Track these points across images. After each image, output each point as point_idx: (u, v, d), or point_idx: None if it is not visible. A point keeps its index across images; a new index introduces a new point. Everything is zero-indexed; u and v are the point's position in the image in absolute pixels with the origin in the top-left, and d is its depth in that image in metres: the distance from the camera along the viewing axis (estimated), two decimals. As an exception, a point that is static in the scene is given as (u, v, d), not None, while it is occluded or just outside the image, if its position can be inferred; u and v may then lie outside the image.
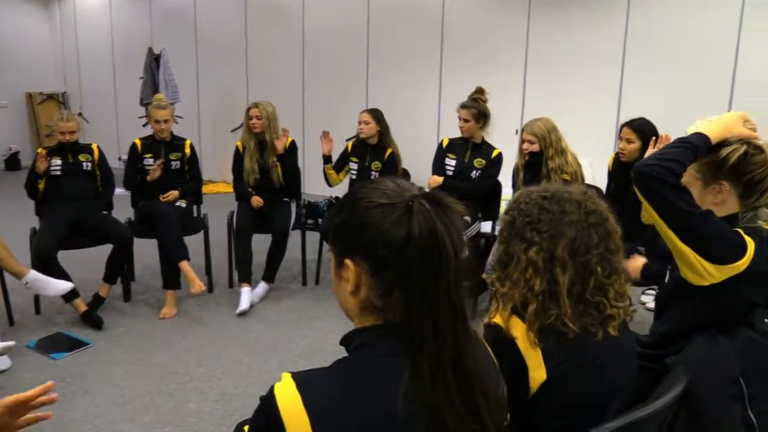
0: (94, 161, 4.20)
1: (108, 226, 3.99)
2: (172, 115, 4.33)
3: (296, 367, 3.13)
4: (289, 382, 0.97)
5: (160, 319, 3.92)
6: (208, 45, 8.30)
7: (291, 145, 4.45)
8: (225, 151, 7.87)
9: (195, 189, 4.48)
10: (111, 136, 9.13)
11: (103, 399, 3.02)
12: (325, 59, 7.26)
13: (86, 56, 9.86)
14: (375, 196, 1.01)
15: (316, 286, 4.50)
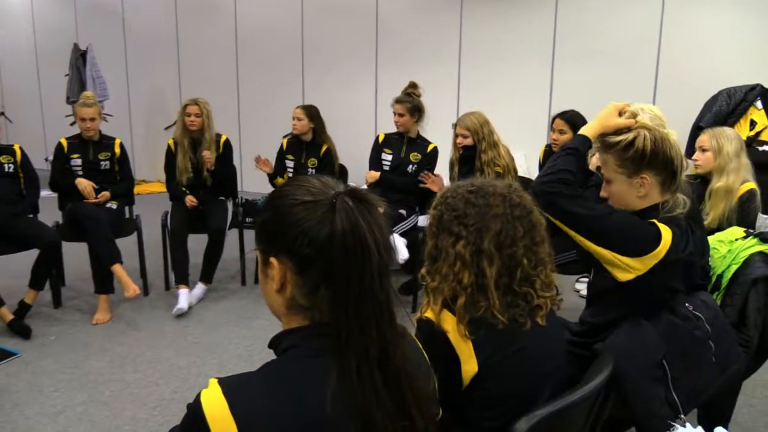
0: (16, 163, 4.02)
1: (33, 231, 3.82)
2: (100, 114, 4.19)
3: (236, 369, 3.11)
4: (216, 388, 0.96)
5: (93, 325, 3.79)
6: (137, 41, 8.07)
7: (225, 144, 4.38)
8: (158, 149, 7.65)
9: (126, 190, 4.34)
10: (37, 137, 8.77)
11: (33, 411, 2.90)
12: (259, 55, 7.18)
13: (7, 53, 9.41)
14: (299, 193, 1.01)
15: (255, 285, 4.45)
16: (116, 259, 3.80)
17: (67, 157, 4.16)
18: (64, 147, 4.18)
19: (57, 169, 4.17)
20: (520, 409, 1.40)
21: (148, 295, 4.25)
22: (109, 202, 4.14)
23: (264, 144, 6.94)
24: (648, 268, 1.73)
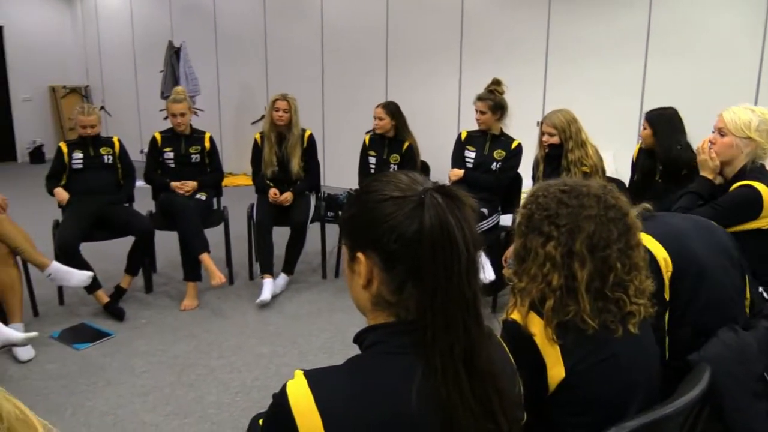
0: (115, 154, 4.24)
1: (129, 219, 4.02)
2: (190, 108, 4.34)
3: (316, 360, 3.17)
4: (302, 380, 0.97)
5: (181, 311, 3.96)
6: (227, 38, 8.33)
7: (310, 138, 4.45)
8: (245, 143, 7.90)
9: (215, 182, 4.50)
10: (133, 129, 9.22)
11: (125, 390, 3.06)
12: (344, 52, 7.26)
13: (108, 50, 9.95)
14: (387, 189, 1.00)
15: (335, 278, 4.51)
16: (204, 249, 3.94)
17: (160, 150, 4.35)
18: (158, 140, 4.37)
19: (151, 162, 4.36)
20: (608, 419, 1.35)
21: (233, 284, 4.39)
22: (198, 194, 4.30)
23: (346, 139, 7.05)
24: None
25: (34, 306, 3.89)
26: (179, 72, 7.84)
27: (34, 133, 9.92)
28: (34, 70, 9.76)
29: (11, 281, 3.47)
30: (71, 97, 10.12)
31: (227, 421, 2.78)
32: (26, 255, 3.52)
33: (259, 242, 4.21)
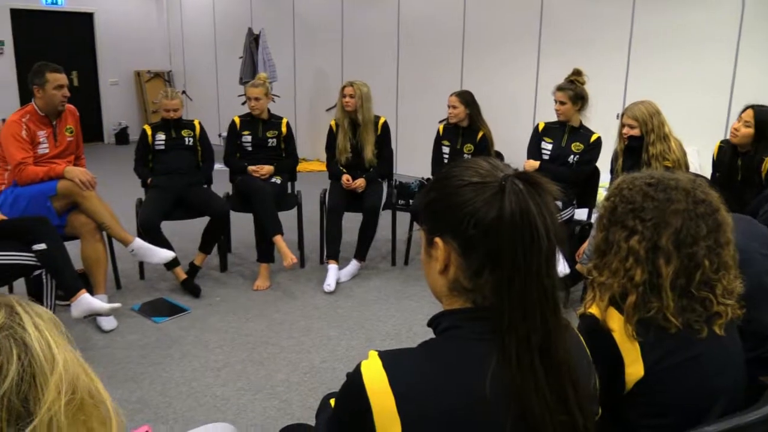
0: (195, 137, 4.38)
1: (207, 200, 4.16)
2: (267, 94, 4.43)
3: (383, 345, 3.18)
4: (376, 361, 0.98)
5: (254, 291, 4.07)
6: (304, 25, 8.45)
7: (384, 126, 4.47)
8: (319, 130, 8.04)
9: (290, 166, 4.59)
10: (212, 114, 9.50)
11: (200, 363, 3.17)
12: (419, 41, 7.23)
13: (190, 37, 10.27)
14: (467, 174, 0.99)
15: (405, 266, 4.53)
16: (278, 231, 4.03)
17: (238, 134, 4.47)
18: (237, 124, 4.49)
19: (230, 145, 4.49)
20: (685, 421, 1.30)
21: (303, 267, 4.47)
22: (273, 178, 4.39)
23: (420, 128, 7.03)
24: None
25: (117, 279, 4.09)
26: (258, 58, 8.01)
27: (119, 115, 10.38)
28: (121, 56, 10.18)
29: (97, 255, 3.66)
30: (155, 82, 10.51)
31: (295, 400, 2.85)
32: (112, 231, 3.69)
33: (329, 227, 4.27)
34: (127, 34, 10.19)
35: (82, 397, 0.76)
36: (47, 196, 3.58)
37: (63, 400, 0.72)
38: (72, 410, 0.74)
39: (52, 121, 3.77)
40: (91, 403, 0.77)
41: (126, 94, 10.48)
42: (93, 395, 0.78)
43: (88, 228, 3.62)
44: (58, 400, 0.72)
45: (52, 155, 3.77)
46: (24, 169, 3.58)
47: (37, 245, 3.15)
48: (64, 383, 0.73)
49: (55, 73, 3.66)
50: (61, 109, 3.77)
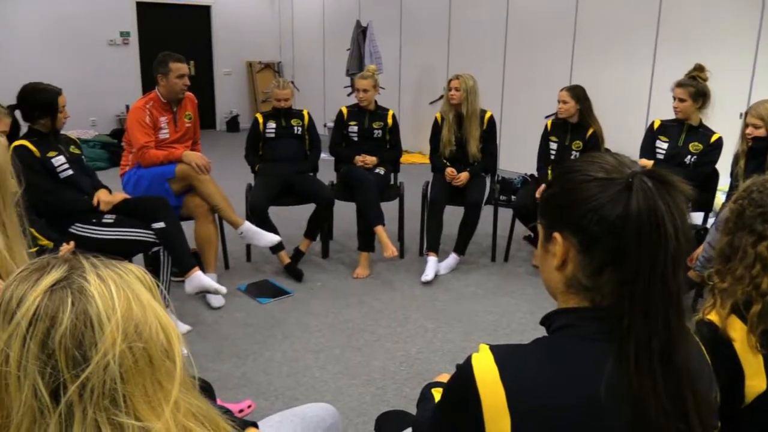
0: (304, 126, 4.50)
1: (313, 187, 4.28)
2: (374, 86, 4.48)
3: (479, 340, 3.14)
4: (487, 354, 0.97)
5: (354, 278, 4.15)
6: (411, 18, 8.48)
7: (489, 120, 4.42)
8: (422, 123, 8.05)
9: (394, 157, 4.63)
10: (318, 105, 9.73)
11: (300, 345, 3.27)
12: (528, 34, 7.08)
13: (300, 29, 10.56)
14: (592, 169, 0.97)
15: (504, 263, 4.47)
16: (379, 221, 4.08)
17: (345, 124, 4.55)
18: (344, 114, 4.58)
19: (337, 134, 4.59)
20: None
21: (403, 258, 4.51)
22: (377, 168, 4.45)
23: (525, 123, 6.91)
24: None
25: (226, 260, 4.29)
26: (365, 50, 8.13)
27: (231, 104, 10.85)
28: (235, 47, 10.63)
29: (209, 236, 3.85)
30: (265, 72, 10.89)
31: (390, 387, 2.88)
32: (223, 213, 3.87)
33: (430, 220, 4.27)
34: (240, 26, 10.62)
35: (150, 350, 0.79)
36: (166, 178, 3.82)
37: (120, 346, 0.76)
38: (133, 359, 0.77)
39: (172, 107, 3.99)
40: (160, 357, 0.80)
41: (238, 84, 10.93)
42: (167, 352, 0.82)
43: (202, 210, 3.82)
44: (114, 347, 0.75)
45: (171, 140, 3.99)
46: (146, 152, 3.82)
47: (157, 224, 3.36)
48: (122, 330, 0.76)
49: (177, 62, 3.87)
50: (181, 97, 3.99)
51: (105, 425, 0.75)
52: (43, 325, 0.73)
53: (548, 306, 1.05)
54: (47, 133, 3.26)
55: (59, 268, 0.78)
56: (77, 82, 7.91)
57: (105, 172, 4.07)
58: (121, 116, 9.23)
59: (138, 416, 0.76)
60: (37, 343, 0.73)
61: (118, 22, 9.36)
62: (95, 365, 0.74)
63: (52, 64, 8.17)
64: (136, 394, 0.77)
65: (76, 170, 3.34)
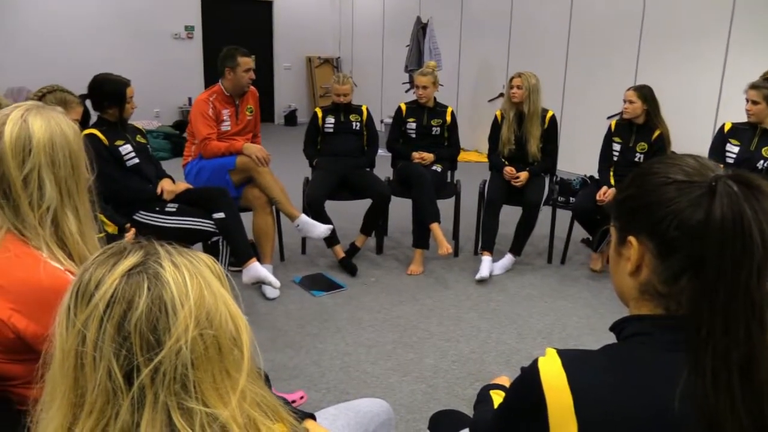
0: (362, 122, 4.52)
1: (370, 183, 4.29)
2: (434, 83, 4.46)
3: (534, 344, 3.10)
4: (555, 358, 0.95)
5: (407, 275, 4.14)
6: (472, 15, 8.40)
7: (551, 119, 4.34)
8: (479, 121, 7.99)
9: (452, 155, 4.60)
10: (375, 101, 9.75)
11: (352, 339, 3.29)
12: (592, 32, 6.91)
13: (359, 24, 10.60)
14: (672, 171, 0.93)
15: (561, 265, 4.38)
16: (435, 219, 4.06)
17: (404, 120, 4.54)
18: (402, 110, 4.57)
19: (395, 130, 4.59)
20: None
21: (457, 257, 4.47)
22: (434, 165, 4.43)
23: (586, 123, 6.76)
24: None
25: (282, 252, 4.35)
26: (424, 47, 8.10)
27: (290, 98, 10.99)
28: (295, 42, 10.76)
29: (266, 227, 3.91)
30: (324, 68, 10.99)
31: (442, 386, 2.86)
32: (281, 206, 3.92)
33: (486, 219, 4.23)
34: (301, 22, 10.74)
35: (220, 338, 0.80)
36: (227, 169, 3.89)
37: (192, 333, 0.77)
38: (204, 346, 0.78)
39: (235, 101, 4.07)
40: (229, 346, 0.81)
41: (297, 79, 11.06)
42: (235, 341, 0.83)
43: (260, 201, 3.88)
44: (186, 333, 0.76)
45: (233, 132, 4.07)
46: (208, 143, 3.90)
47: (217, 214, 3.43)
48: (194, 317, 0.77)
49: (245, 57, 3.94)
50: (246, 90, 4.06)
51: (175, 410, 0.76)
52: (120, 308, 0.75)
53: (605, 312, 1.02)
54: (115, 122, 3.37)
55: (136, 254, 0.80)
56: (143, 74, 8.13)
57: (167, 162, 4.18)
58: (184, 108, 9.48)
59: (206, 403, 0.77)
60: (114, 325, 0.75)
61: (183, 17, 9.59)
62: (168, 350, 0.75)
63: (120, 56, 8.43)
64: (205, 381, 0.78)
65: (142, 159, 3.43)
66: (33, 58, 8.06)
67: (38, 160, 1.36)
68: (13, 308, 1.34)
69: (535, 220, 4.17)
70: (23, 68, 7.78)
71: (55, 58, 8.13)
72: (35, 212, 1.38)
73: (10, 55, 7.99)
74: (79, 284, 0.79)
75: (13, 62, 7.88)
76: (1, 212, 1.37)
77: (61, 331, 0.79)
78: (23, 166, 1.35)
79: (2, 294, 1.34)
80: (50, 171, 1.38)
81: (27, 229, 1.38)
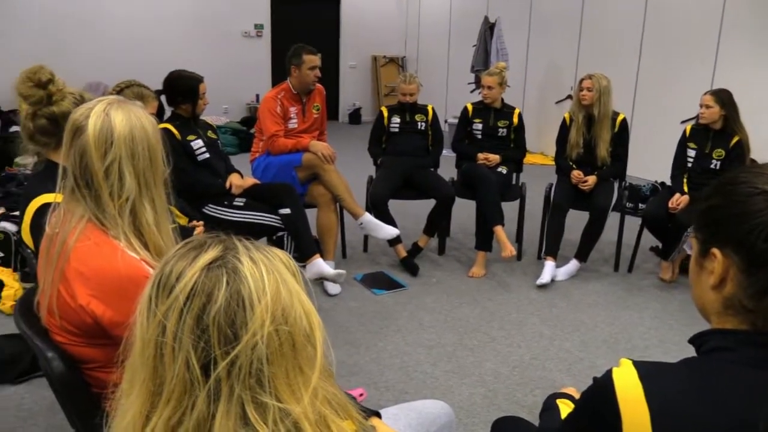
0: (427, 121, 4.50)
1: (434, 183, 4.26)
2: (501, 84, 4.40)
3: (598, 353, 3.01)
4: (630, 369, 0.92)
5: (469, 277, 4.10)
6: (541, 15, 8.26)
7: (622, 123, 4.21)
8: (545, 123, 7.85)
9: (518, 157, 4.54)
10: (440, 101, 9.71)
11: (412, 339, 3.28)
12: (668, 32, 6.67)
13: (426, 24, 10.58)
14: (760, 181, 0.89)
15: (628, 273, 4.25)
16: (499, 221, 4.01)
17: (470, 121, 4.51)
18: (469, 111, 4.53)
19: (460, 131, 4.55)
20: None
21: (520, 260, 4.41)
22: (499, 167, 4.37)
23: (657, 127, 6.55)
24: None
25: (344, 249, 4.39)
26: (491, 47, 8.01)
27: (354, 96, 11.08)
28: (361, 41, 10.84)
29: (330, 224, 3.95)
30: (389, 67, 11.03)
31: (501, 391, 2.82)
32: (345, 203, 3.95)
33: (551, 223, 4.14)
34: (368, 21, 10.80)
35: (294, 335, 0.80)
36: (293, 166, 3.95)
37: (268, 328, 0.77)
38: (279, 341, 0.78)
39: (302, 98, 4.12)
40: (302, 342, 0.82)
41: (362, 77, 11.14)
42: (309, 338, 0.83)
43: (325, 198, 3.92)
44: (263, 328, 0.77)
45: (300, 130, 4.12)
46: (276, 140, 3.97)
47: (283, 209, 3.49)
48: (270, 313, 0.78)
49: (311, 54, 3.98)
50: (312, 88, 4.11)
51: (249, 403, 0.77)
52: (200, 301, 0.77)
53: (674, 324, 0.99)
54: (188, 117, 3.46)
55: (215, 248, 0.82)
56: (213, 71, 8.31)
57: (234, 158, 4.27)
58: (252, 105, 9.68)
59: (279, 398, 0.78)
60: (193, 317, 0.76)
61: (253, 15, 9.80)
62: (244, 344, 0.76)
63: (192, 53, 8.68)
64: (279, 376, 0.78)
65: (213, 154, 3.52)
66: (111, 55, 8.40)
67: (119, 152, 1.41)
68: (91, 294, 1.39)
69: (602, 226, 4.06)
70: (101, 64, 8.11)
71: (132, 55, 8.45)
72: (115, 203, 1.43)
73: (91, 52, 8.34)
74: (160, 276, 0.81)
75: (92, 59, 8.23)
76: (83, 202, 1.43)
77: (142, 320, 0.81)
78: (105, 157, 1.40)
79: (82, 280, 1.39)
80: (130, 163, 1.42)
81: (107, 219, 1.43)
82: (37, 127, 1.94)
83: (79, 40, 8.31)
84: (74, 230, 1.42)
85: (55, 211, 1.50)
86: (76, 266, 1.40)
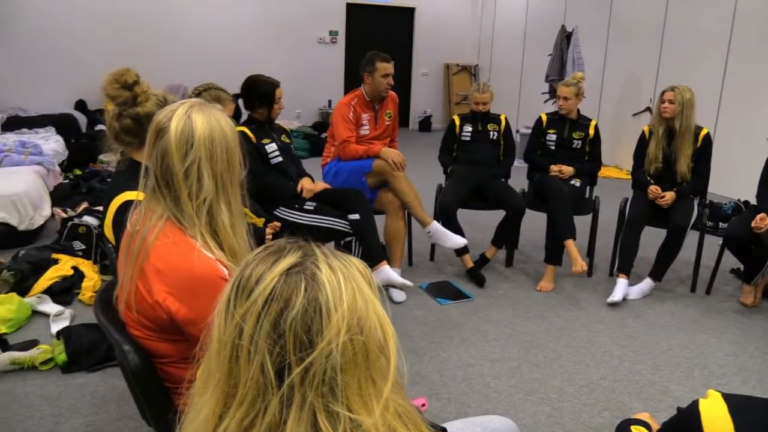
0: (500, 131, 4.44)
1: (504, 194, 4.20)
2: (577, 94, 4.29)
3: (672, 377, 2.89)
4: (720, 403, 0.87)
5: (537, 291, 4.02)
6: (621, 23, 8.03)
7: (705, 138, 4.04)
8: (621, 135, 7.63)
9: (592, 170, 4.42)
10: (512, 110, 9.59)
11: (476, 351, 3.23)
12: (756, 42, 6.35)
13: (500, 32, 10.48)
14: None
15: (706, 295, 4.05)
16: (571, 235, 3.91)
17: (543, 131, 4.42)
18: (543, 121, 4.45)
19: (534, 141, 4.47)
20: None
21: (591, 276, 4.28)
22: (573, 179, 4.27)
23: (742, 144, 6.24)
24: None
25: (410, 257, 4.38)
26: (567, 56, 7.85)
27: (425, 104, 11.08)
28: (434, 49, 10.84)
29: (398, 231, 3.95)
30: (461, 75, 10.98)
31: (567, 410, 2.74)
32: (414, 211, 3.94)
33: (625, 239, 4.00)
34: (441, 29, 10.80)
35: (368, 345, 0.79)
36: (363, 172, 3.97)
37: (343, 337, 0.77)
38: (353, 351, 0.78)
39: (375, 105, 4.14)
40: (376, 353, 0.81)
41: (433, 85, 11.13)
42: (382, 349, 0.82)
43: (393, 205, 3.93)
44: (338, 336, 0.76)
45: (371, 136, 4.15)
46: (347, 146, 4.00)
47: (353, 215, 3.51)
48: (346, 322, 0.77)
49: (383, 62, 4.00)
50: (384, 95, 4.12)
51: (320, 411, 0.76)
52: (278, 306, 0.77)
53: (755, 351, 0.92)
54: (263, 121, 3.54)
55: (294, 254, 0.82)
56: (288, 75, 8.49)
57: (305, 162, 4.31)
58: (324, 110, 9.82)
59: (351, 408, 0.78)
60: (271, 321, 0.77)
61: (328, 22, 9.95)
62: (319, 352, 0.76)
63: (269, 58, 8.90)
64: (351, 386, 0.78)
65: (285, 158, 3.58)
66: (190, 58, 8.69)
67: (199, 153, 1.44)
68: (168, 291, 1.43)
69: (680, 245, 3.89)
70: (181, 67, 8.41)
71: (210, 58, 8.71)
72: (193, 203, 1.46)
73: (172, 56, 8.65)
74: (240, 278, 0.81)
75: (173, 62, 8.54)
76: (164, 201, 1.47)
77: (220, 321, 0.82)
78: (185, 159, 1.43)
79: (160, 277, 1.44)
80: (209, 165, 1.46)
81: (185, 219, 1.47)
82: (122, 126, 2.01)
83: (160, 44, 8.64)
84: (154, 228, 1.46)
85: (136, 208, 1.55)
86: (154, 263, 1.44)
